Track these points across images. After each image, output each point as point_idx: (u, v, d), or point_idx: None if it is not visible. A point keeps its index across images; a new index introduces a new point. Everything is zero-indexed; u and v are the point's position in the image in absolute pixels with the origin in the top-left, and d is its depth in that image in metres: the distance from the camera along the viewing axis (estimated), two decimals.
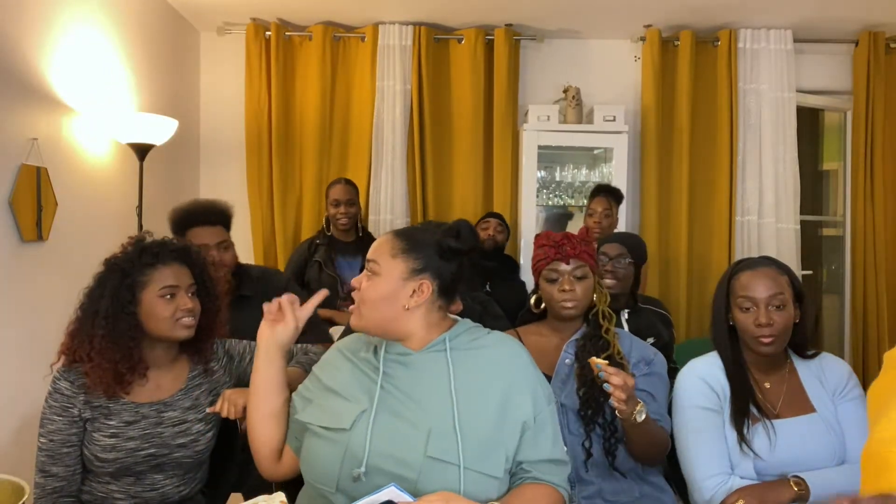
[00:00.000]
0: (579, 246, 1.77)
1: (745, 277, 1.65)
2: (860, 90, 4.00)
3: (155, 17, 3.52)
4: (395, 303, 1.35)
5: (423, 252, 1.37)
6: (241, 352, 1.77)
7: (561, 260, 1.76)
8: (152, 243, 1.61)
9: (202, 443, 1.62)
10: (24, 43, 2.41)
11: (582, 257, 1.76)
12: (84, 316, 1.56)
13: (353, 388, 1.36)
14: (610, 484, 1.67)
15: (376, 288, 1.36)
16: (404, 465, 1.25)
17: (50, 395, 1.54)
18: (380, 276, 1.36)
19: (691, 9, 3.73)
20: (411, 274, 1.36)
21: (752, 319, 1.61)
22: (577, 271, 1.75)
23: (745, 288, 1.63)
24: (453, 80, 4.03)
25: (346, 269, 3.24)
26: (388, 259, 1.37)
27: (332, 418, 1.33)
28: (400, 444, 1.27)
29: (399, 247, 1.37)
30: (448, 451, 1.25)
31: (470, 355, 1.36)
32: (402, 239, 1.39)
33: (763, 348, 1.62)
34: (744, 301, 1.63)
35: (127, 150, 3.04)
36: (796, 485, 1.51)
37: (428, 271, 1.36)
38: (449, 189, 4.02)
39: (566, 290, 1.75)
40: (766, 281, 1.62)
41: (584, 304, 1.77)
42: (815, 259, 4.46)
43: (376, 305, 1.35)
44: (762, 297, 1.61)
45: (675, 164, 3.99)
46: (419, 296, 1.35)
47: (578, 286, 1.75)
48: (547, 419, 1.36)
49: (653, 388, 1.72)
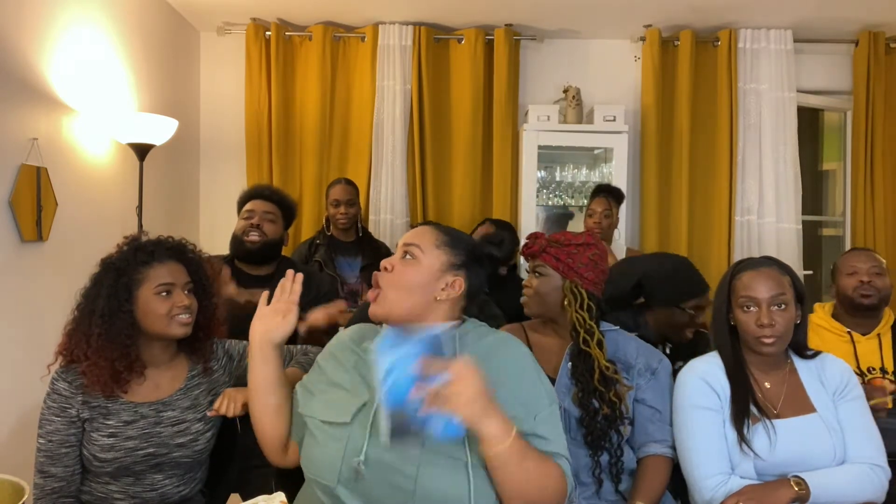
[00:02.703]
0: (542, 244, 1.76)
1: (748, 277, 1.65)
2: (860, 90, 4.00)
3: (155, 17, 3.52)
4: (428, 292, 1.36)
5: (462, 250, 1.41)
6: (240, 352, 1.77)
7: (525, 256, 1.82)
8: (147, 241, 1.61)
9: (201, 442, 1.62)
10: (24, 43, 2.41)
11: (543, 257, 1.75)
12: (81, 315, 1.56)
13: (355, 381, 1.36)
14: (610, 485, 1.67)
15: (416, 272, 1.37)
16: (404, 456, 1.24)
17: (48, 396, 1.55)
18: (420, 263, 1.38)
19: (691, 9, 3.73)
20: (450, 268, 1.39)
21: (753, 319, 1.61)
22: (536, 268, 1.77)
23: (747, 288, 1.63)
24: (453, 80, 4.03)
25: (346, 268, 3.24)
26: (433, 248, 1.39)
27: (334, 412, 1.33)
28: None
29: (443, 239, 1.41)
30: (448, 444, 1.24)
31: (476, 351, 1.34)
32: (444, 233, 1.43)
33: (764, 349, 1.62)
34: (746, 301, 1.63)
35: (127, 150, 3.04)
36: (797, 485, 1.51)
37: (464, 269, 1.40)
38: (449, 189, 4.02)
39: (524, 286, 1.80)
40: (768, 281, 1.62)
41: (541, 303, 1.76)
42: (815, 259, 4.45)
43: (411, 290, 1.36)
44: (764, 297, 1.60)
45: (675, 163, 3.99)
46: (451, 290, 1.37)
47: (535, 282, 1.76)
48: (545, 420, 1.31)
49: (658, 401, 1.70)
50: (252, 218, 2.38)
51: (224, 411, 1.55)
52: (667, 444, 1.68)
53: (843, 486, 1.53)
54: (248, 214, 2.41)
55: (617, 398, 1.63)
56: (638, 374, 1.71)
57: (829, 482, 1.53)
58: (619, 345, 1.74)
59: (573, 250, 1.74)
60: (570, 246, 1.74)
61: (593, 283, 1.73)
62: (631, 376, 1.70)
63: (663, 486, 1.66)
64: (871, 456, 1.57)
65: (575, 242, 1.75)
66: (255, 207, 2.42)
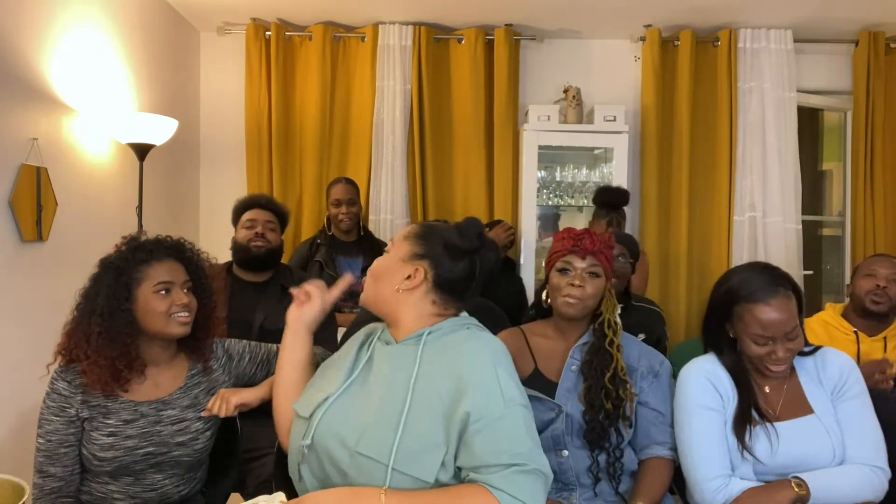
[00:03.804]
0: (599, 245, 1.71)
1: (762, 312, 1.55)
2: (860, 90, 3.99)
3: (155, 17, 3.52)
4: (390, 282, 1.40)
5: (430, 241, 1.41)
6: (240, 351, 1.77)
7: (577, 254, 1.70)
8: (146, 241, 1.62)
9: (201, 441, 1.62)
10: (24, 43, 2.41)
11: (599, 257, 1.71)
12: (80, 315, 1.56)
13: (335, 375, 1.41)
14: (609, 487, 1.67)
15: (381, 263, 1.44)
16: (342, 455, 1.29)
17: (48, 396, 1.55)
18: (388, 254, 1.44)
19: (691, 9, 3.73)
20: (411, 258, 1.40)
21: (766, 352, 1.58)
22: (592, 268, 1.70)
23: (764, 327, 1.55)
24: (453, 80, 4.03)
25: (347, 269, 3.24)
26: (401, 240, 1.43)
27: (303, 406, 1.40)
28: (344, 432, 1.30)
29: (414, 231, 1.44)
30: (378, 449, 1.24)
31: (439, 352, 1.34)
32: (420, 226, 1.46)
33: (773, 373, 1.61)
34: (760, 338, 1.57)
35: (127, 150, 3.04)
36: (797, 486, 1.50)
37: (426, 259, 1.39)
38: (449, 189, 4.02)
39: (575, 285, 1.68)
40: (783, 315, 1.54)
41: (589, 305, 1.71)
42: (815, 259, 4.45)
43: (376, 279, 1.43)
44: (780, 334, 1.56)
45: (675, 163, 3.98)
46: (411, 281, 1.38)
47: (589, 284, 1.69)
48: (498, 422, 1.23)
49: (661, 404, 1.70)
50: (255, 227, 2.51)
51: (216, 411, 1.57)
52: (668, 447, 1.67)
53: (844, 486, 1.53)
54: (250, 224, 2.53)
55: (623, 398, 1.63)
56: (641, 378, 1.70)
57: (830, 483, 1.52)
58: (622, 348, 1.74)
59: (610, 253, 1.76)
60: (610, 248, 1.76)
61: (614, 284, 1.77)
62: (634, 380, 1.69)
63: (664, 488, 1.66)
64: (871, 457, 1.57)
65: (610, 244, 1.77)
66: (256, 217, 2.54)
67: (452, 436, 1.24)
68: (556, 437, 1.64)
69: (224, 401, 1.58)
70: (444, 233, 1.42)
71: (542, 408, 1.64)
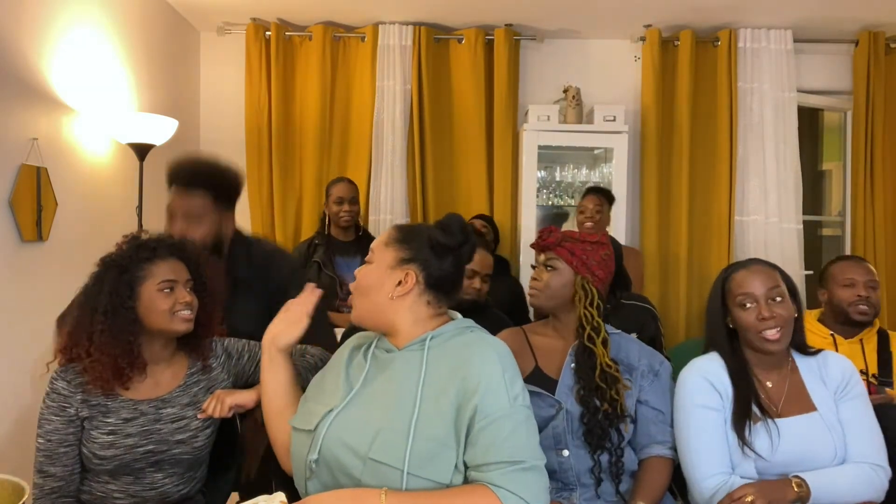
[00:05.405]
0: (558, 238, 1.75)
1: (741, 276, 1.66)
2: (860, 90, 4.00)
3: (155, 17, 3.52)
4: (381, 291, 1.37)
5: (414, 244, 1.39)
6: (239, 350, 1.77)
7: (536, 249, 1.80)
8: (149, 239, 1.62)
9: (201, 439, 1.62)
10: (24, 43, 2.41)
11: (557, 250, 1.74)
12: (82, 313, 1.56)
13: (335, 386, 1.39)
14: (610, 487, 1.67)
15: (367, 275, 1.40)
16: (353, 463, 1.26)
17: (47, 395, 1.55)
18: (372, 265, 1.40)
19: (691, 9, 3.73)
20: (398, 263, 1.38)
21: (753, 315, 1.61)
22: (548, 261, 1.75)
23: (742, 285, 1.64)
24: (453, 80, 4.03)
25: (345, 269, 3.24)
26: (382, 248, 1.40)
27: (304, 419, 1.37)
28: (354, 441, 1.28)
29: (394, 237, 1.41)
30: (392, 455, 1.23)
31: (445, 355, 1.33)
32: (399, 230, 1.42)
33: (769, 345, 1.61)
34: (743, 298, 1.63)
35: (127, 150, 3.04)
36: (797, 485, 1.50)
37: (415, 262, 1.38)
38: (449, 189, 4.02)
39: (533, 279, 1.77)
40: (761, 276, 1.63)
41: (551, 297, 1.73)
42: (815, 259, 4.45)
43: (366, 293, 1.39)
44: (761, 291, 1.61)
45: (675, 164, 3.99)
46: (404, 286, 1.36)
47: (546, 276, 1.74)
48: (503, 420, 1.25)
49: (661, 402, 1.70)
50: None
51: (211, 412, 1.57)
52: (668, 446, 1.68)
53: (844, 486, 1.53)
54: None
55: (618, 396, 1.63)
56: (641, 376, 1.70)
57: (830, 482, 1.52)
58: (621, 347, 1.74)
59: (588, 247, 1.74)
60: (586, 243, 1.75)
61: (603, 281, 1.74)
62: (633, 378, 1.69)
63: (664, 487, 1.66)
64: (871, 456, 1.57)
65: (590, 240, 1.76)
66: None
67: (461, 433, 1.25)
68: (556, 436, 1.64)
69: (219, 401, 1.58)
70: (427, 233, 1.41)
71: (542, 404, 1.64)
